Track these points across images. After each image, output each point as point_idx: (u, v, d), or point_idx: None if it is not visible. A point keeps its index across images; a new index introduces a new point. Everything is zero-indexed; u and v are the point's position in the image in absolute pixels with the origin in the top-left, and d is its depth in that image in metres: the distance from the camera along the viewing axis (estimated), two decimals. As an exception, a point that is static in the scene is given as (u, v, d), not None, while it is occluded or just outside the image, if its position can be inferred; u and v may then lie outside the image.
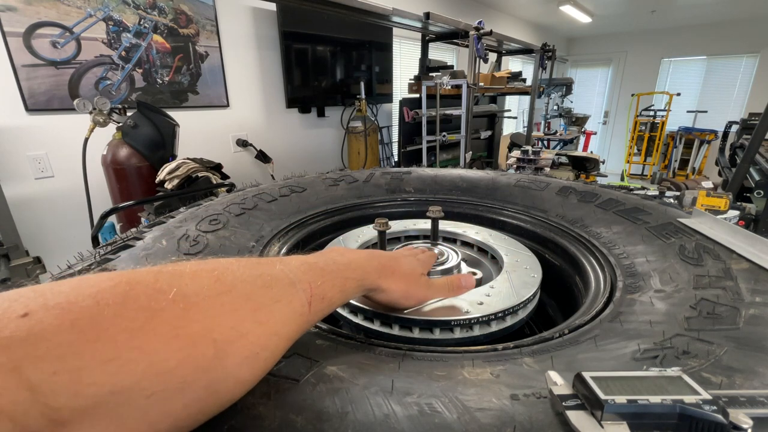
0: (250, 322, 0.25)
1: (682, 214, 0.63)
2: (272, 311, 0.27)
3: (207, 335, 0.22)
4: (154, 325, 0.20)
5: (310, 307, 0.30)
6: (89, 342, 0.18)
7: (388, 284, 0.41)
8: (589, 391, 0.24)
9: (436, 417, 0.25)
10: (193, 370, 0.21)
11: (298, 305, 0.29)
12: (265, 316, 0.26)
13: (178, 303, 0.22)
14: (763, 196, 2.49)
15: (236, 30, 2.78)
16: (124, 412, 0.19)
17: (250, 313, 0.25)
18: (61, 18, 2.02)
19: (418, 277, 0.46)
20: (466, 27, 3.31)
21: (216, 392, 0.23)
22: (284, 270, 0.30)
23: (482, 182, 0.90)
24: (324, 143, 3.65)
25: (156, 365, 0.20)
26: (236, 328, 0.24)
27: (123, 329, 0.19)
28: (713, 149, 5.56)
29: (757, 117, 2.69)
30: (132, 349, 0.19)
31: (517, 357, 0.36)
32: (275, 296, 0.28)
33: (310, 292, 0.30)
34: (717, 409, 0.22)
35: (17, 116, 1.97)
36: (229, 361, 0.23)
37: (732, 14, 5.96)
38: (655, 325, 0.38)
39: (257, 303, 0.26)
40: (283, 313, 0.28)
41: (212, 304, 0.24)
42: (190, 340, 0.21)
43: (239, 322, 0.24)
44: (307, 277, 0.31)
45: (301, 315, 0.29)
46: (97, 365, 0.18)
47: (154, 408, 0.20)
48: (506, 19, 5.89)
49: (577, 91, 6.65)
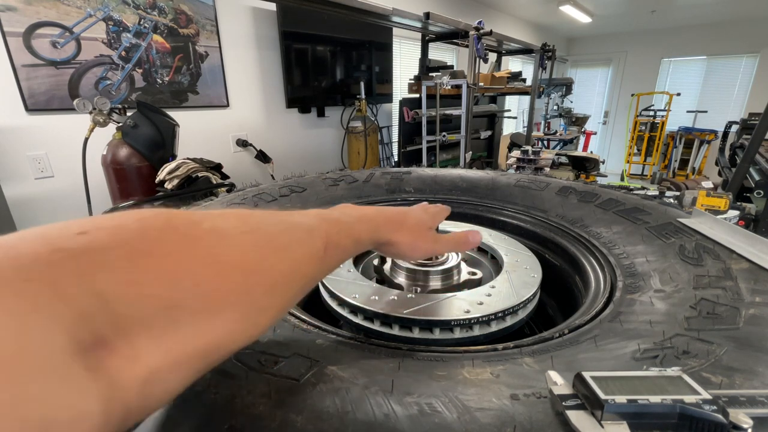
0: (272, 258, 0.27)
1: (682, 214, 0.63)
2: (293, 251, 0.29)
3: (237, 265, 0.24)
4: (194, 250, 0.22)
5: (326, 252, 0.32)
6: (143, 257, 0.20)
7: (396, 237, 0.43)
8: (589, 390, 0.24)
9: (436, 417, 0.25)
10: (227, 294, 0.23)
11: (315, 249, 0.31)
12: (285, 255, 0.28)
13: (211, 234, 0.24)
14: (763, 196, 2.49)
15: (236, 30, 2.78)
16: (174, 327, 0.20)
17: (272, 251, 0.27)
18: (61, 18, 2.02)
19: (426, 230, 0.47)
20: (466, 27, 3.31)
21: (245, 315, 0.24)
22: (302, 219, 0.33)
23: (482, 182, 0.90)
24: (324, 143, 3.65)
25: (199, 286, 0.21)
26: (261, 262, 0.26)
27: (169, 251, 0.21)
28: (713, 149, 5.56)
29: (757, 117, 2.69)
30: (178, 269, 0.21)
31: (517, 357, 0.36)
32: (294, 239, 0.30)
33: (326, 239, 0.32)
34: (717, 409, 0.22)
35: (17, 116, 1.97)
36: (257, 290, 0.25)
37: (732, 14, 5.96)
38: (655, 325, 0.38)
39: (279, 243, 0.28)
40: (302, 253, 0.30)
41: (240, 239, 0.25)
42: (225, 267, 0.23)
43: (264, 257, 0.26)
44: (324, 226, 0.33)
45: (318, 259, 0.31)
46: (153, 279, 0.20)
47: (198, 326, 0.21)
48: (506, 19, 5.88)
49: (577, 91, 6.65)
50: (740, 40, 6.35)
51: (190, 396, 0.27)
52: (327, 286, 0.53)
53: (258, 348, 0.33)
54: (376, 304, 0.47)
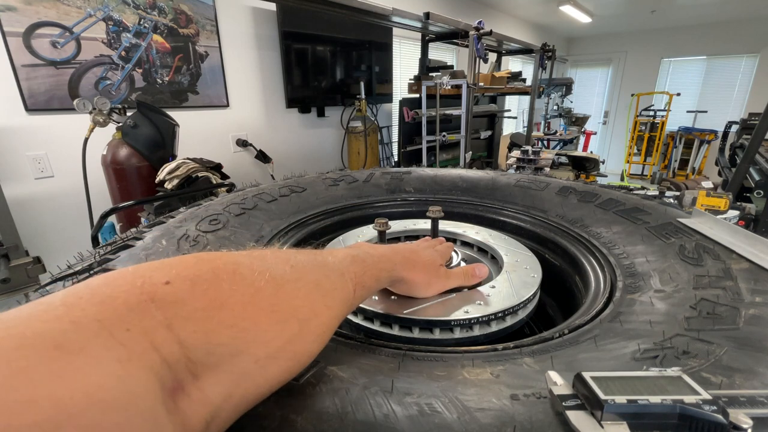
0: (320, 305, 0.29)
1: (682, 214, 0.63)
2: (334, 297, 0.31)
3: (293, 313, 0.26)
4: (258, 300, 0.24)
5: (354, 294, 0.34)
6: (216, 309, 0.22)
7: (411, 275, 0.45)
8: (589, 391, 0.24)
9: (436, 417, 0.25)
10: (284, 342, 0.25)
11: (348, 292, 0.33)
12: (331, 301, 0.30)
13: (271, 283, 0.26)
14: (763, 196, 2.49)
15: (236, 30, 2.78)
16: (238, 372, 0.22)
17: (320, 298, 0.29)
18: (61, 18, 2.02)
19: (437, 268, 0.49)
20: (466, 27, 3.31)
21: (297, 362, 0.26)
22: (335, 262, 0.35)
23: (482, 182, 0.90)
24: (324, 143, 3.64)
25: (261, 334, 0.24)
26: (313, 309, 0.28)
27: (237, 301, 0.23)
28: (713, 149, 5.56)
29: (757, 117, 2.69)
30: (245, 319, 0.23)
31: (517, 357, 0.36)
32: (334, 285, 0.32)
33: (355, 281, 0.35)
34: (717, 409, 0.22)
35: (17, 116, 1.97)
36: (308, 337, 0.27)
37: (732, 14, 5.96)
38: (655, 325, 0.38)
39: (324, 290, 0.30)
40: (340, 298, 0.32)
41: (294, 287, 0.27)
42: (283, 316, 0.25)
43: (314, 305, 0.28)
44: (353, 268, 0.36)
45: (348, 300, 0.34)
46: (223, 329, 0.22)
47: (258, 371, 0.23)
48: (506, 19, 5.88)
49: (577, 91, 6.65)
50: (740, 40, 6.35)
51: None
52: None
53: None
54: (376, 304, 0.47)
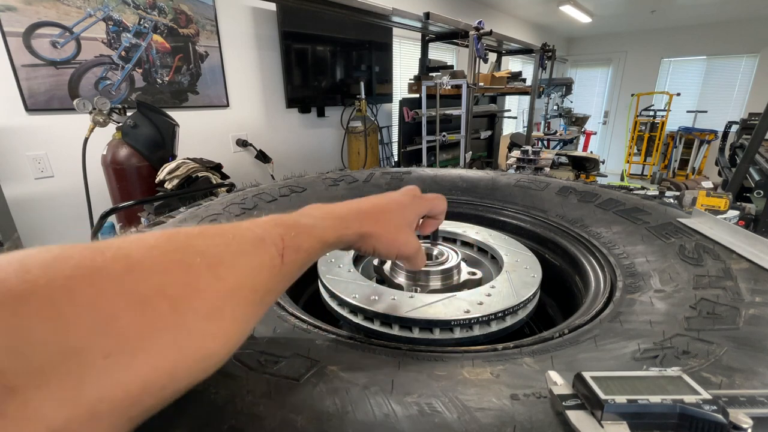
0: (206, 277, 0.24)
1: (682, 214, 0.63)
2: (234, 266, 0.26)
3: (158, 291, 0.21)
4: (94, 281, 0.19)
5: (283, 259, 0.29)
6: (22, 301, 0.17)
7: (370, 230, 0.39)
8: (589, 391, 0.24)
9: (436, 417, 0.25)
10: (150, 328, 0.20)
11: (267, 258, 0.28)
12: (224, 272, 0.25)
13: (119, 260, 0.21)
14: (763, 196, 2.49)
15: (236, 30, 2.78)
16: (80, 374, 0.17)
17: (205, 269, 0.24)
18: (61, 18, 2.02)
19: (407, 224, 0.43)
20: (466, 27, 3.31)
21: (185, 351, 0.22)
22: (251, 227, 0.30)
23: (482, 182, 0.90)
24: (324, 143, 3.64)
25: (104, 322, 0.18)
26: (190, 284, 0.23)
27: (58, 287, 0.18)
28: (713, 149, 5.56)
29: (757, 117, 2.69)
30: (73, 307, 0.18)
31: (517, 357, 0.36)
32: (238, 251, 0.27)
33: (281, 244, 0.30)
34: (717, 409, 0.22)
35: (17, 116, 1.97)
36: (189, 317, 0.22)
37: (732, 14, 5.96)
38: (655, 325, 0.38)
39: (215, 259, 0.25)
40: (249, 266, 0.27)
41: (160, 261, 0.22)
42: (139, 297, 0.20)
43: (193, 278, 0.23)
44: (278, 231, 0.30)
45: (273, 267, 0.29)
46: (38, 324, 0.17)
47: (115, 368, 0.18)
48: (506, 19, 5.88)
49: (577, 91, 6.65)
50: (740, 40, 6.35)
51: (189, 396, 0.27)
52: (327, 286, 0.53)
53: (258, 348, 0.33)
54: (376, 304, 0.47)
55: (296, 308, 0.46)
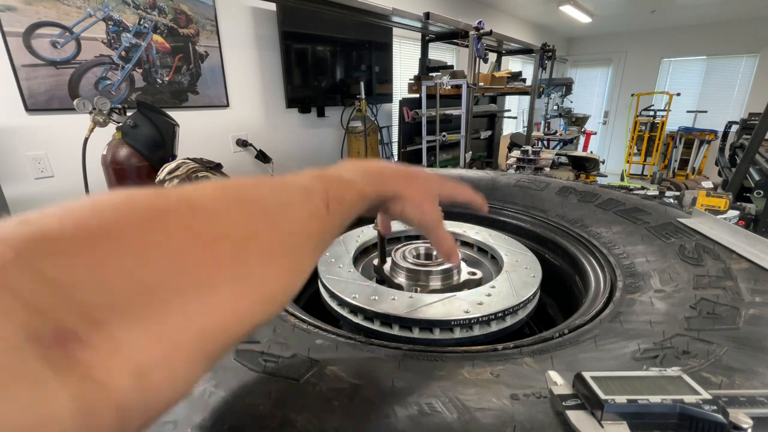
0: (263, 222, 0.25)
1: (682, 214, 0.63)
2: (285, 214, 0.26)
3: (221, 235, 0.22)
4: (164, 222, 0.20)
5: (329, 209, 0.30)
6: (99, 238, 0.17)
7: (403, 191, 0.40)
8: (589, 391, 0.24)
9: (436, 417, 0.25)
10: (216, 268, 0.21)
11: (314, 207, 0.29)
12: (276, 218, 0.26)
13: (182, 204, 0.21)
14: (763, 196, 2.49)
15: (236, 30, 2.78)
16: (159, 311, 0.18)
17: (262, 215, 0.25)
18: (61, 18, 2.02)
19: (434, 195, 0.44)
20: (466, 27, 3.31)
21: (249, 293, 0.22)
22: (295, 179, 0.30)
23: (482, 182, 0.90)
24: (324, 143, 3.64)
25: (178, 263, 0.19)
26: (249, 228, 0.23)
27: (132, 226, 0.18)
28: (713, 149, 5.56)
29: (757, 117, 2.69)
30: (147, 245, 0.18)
31: (517, 357, 0.36)
32: (286, 200, 0.27)
33: (325, 195, 0.30)
34: (717, 409, 0.22)
35: (17, 116, 1.97)
36: (253, 260, 0.23)
37: (732, 14, 5.96)
38: (655, 325, 0.38)
39: (267, 206, 0.26)
40: (298, 215, 0.27)
41: (218, 206, 0.23)
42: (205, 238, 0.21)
43: (253, 223, 0.24)
44: (321, 184, 0.31)
45: (320, 217, 0.29)
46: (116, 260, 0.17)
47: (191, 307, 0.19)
48: (506, 19, 5.88)
49: (577, 91, 6.65)
50: (740, 40, 6.35)
51: (189, 395, 0.27)
52: (327, 286, 0.53)
53: (258, 348, 0.33)
54: (376, 304, 0.47)
55: (296, 308, 0.46)
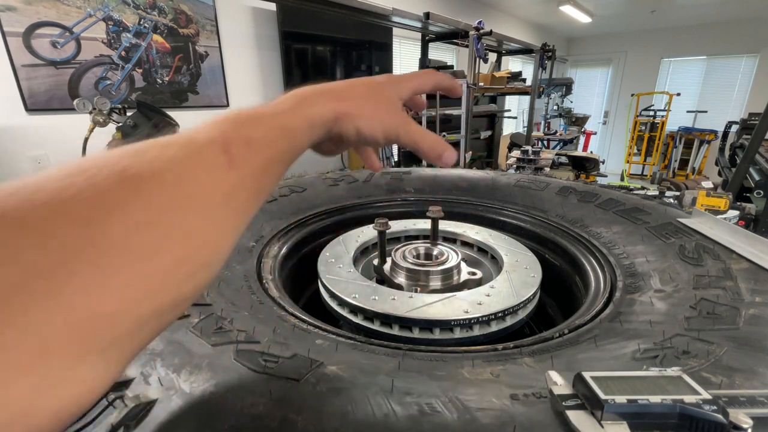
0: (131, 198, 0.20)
1: (682, 214, 0.63)
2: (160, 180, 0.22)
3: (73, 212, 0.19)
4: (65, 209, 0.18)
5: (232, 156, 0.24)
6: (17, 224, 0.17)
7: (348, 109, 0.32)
8: (589, 390, 0.24)
9: (436, 417, 0.25)
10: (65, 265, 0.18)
11: (206, 157, 0.24)
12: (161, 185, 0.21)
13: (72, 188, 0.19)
14: (763, 196, 2.49)
15: (236, 30, 2.78)
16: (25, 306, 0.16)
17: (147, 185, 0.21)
18: (61, 18, 2.02)
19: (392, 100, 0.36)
20: (466, 27, 3.31)
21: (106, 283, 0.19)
22: (182, 134, 0.25)
23: (482, 182, 0.90)
24: (324, 143, 3.64)
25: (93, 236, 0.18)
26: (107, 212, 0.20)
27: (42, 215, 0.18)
28: (713, 149, 5.56)
29: (757, 117, 2.69)
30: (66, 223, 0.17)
31: (517, 357, 0.36)
32: (163, 164, 0.22)
33: (225, 140, 0.24)
34: (717, 409, 0.22)
35: (17, 116, 1.97)
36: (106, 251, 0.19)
37: (732, 14, 5.96)
38: (655, 325, 0.38)
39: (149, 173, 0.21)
40: (187, 172, 0.23)
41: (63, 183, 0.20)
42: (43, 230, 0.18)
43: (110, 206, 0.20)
44: (220, 126, 0.25)
45: (215, 167, 0.24)
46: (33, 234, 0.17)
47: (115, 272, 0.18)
48: (506, 19, 5.88)
49: (577, 91, 6.64)
50: (740, 40, 6.35)
51: (190, 395, 0.27)
52: (327, 286, 0.53)
53: (258, 348, 0.33)
54: (376, 304, 0.47)
55: (296, 308, 0.46)
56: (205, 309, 0.38)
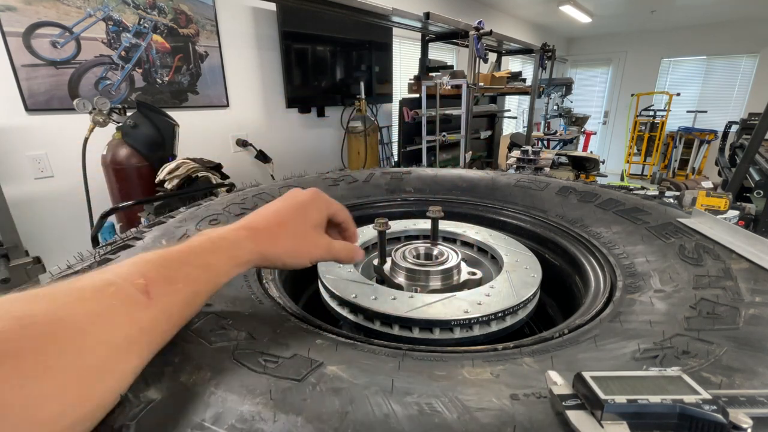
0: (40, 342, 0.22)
1: (682, 214, 0.63)
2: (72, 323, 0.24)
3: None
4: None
5: (150, 294, 0.28)
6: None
7: (270, 250, 0.38)
8: (589, 390, 0.24)
9: (436, 417, 0.25)
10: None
11: (119, 300, 0.27)
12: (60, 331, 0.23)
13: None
14: (763, 196, 2.49)
15: (236, 30, 2.78)
16: None
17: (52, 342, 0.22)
18: (61, 18, 2.02)
19: (311, 230, 0.42)
20: (466, 27, 3.31)
21: None
22: (103, 273, 0.28)
23: (482, 182, 0.90)
24: (324, 143, 3.64)
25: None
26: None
27: None
28: (713, 149, 5.56)
29: (757, 117, 2.69)
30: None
31: (517, 357, 0.35)
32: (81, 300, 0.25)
33: (143, 280, 0.28)
34: (717, 409, 0.22)
35: (17, 116, 1.97)
36: None
37: (732, 14, 5.96)
38: (655, 325, 0.38)
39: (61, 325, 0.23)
40: (98, 317, 0.25)
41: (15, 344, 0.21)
42: None
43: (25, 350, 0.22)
44: (140, 268, 0.29)
45: (130, 305, 0.27)
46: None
47: None
48: (506, 19, 5.88)
49: (577, 91, 6.65)
50: (740, 40, 6.35)
51: (190, 395, 0.27)
52: (327, 286, 0.53)
53: (258, 348, 0.33)
54: (376, 304, 0.47)
55: (296, 308, 0.46)
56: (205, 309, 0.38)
